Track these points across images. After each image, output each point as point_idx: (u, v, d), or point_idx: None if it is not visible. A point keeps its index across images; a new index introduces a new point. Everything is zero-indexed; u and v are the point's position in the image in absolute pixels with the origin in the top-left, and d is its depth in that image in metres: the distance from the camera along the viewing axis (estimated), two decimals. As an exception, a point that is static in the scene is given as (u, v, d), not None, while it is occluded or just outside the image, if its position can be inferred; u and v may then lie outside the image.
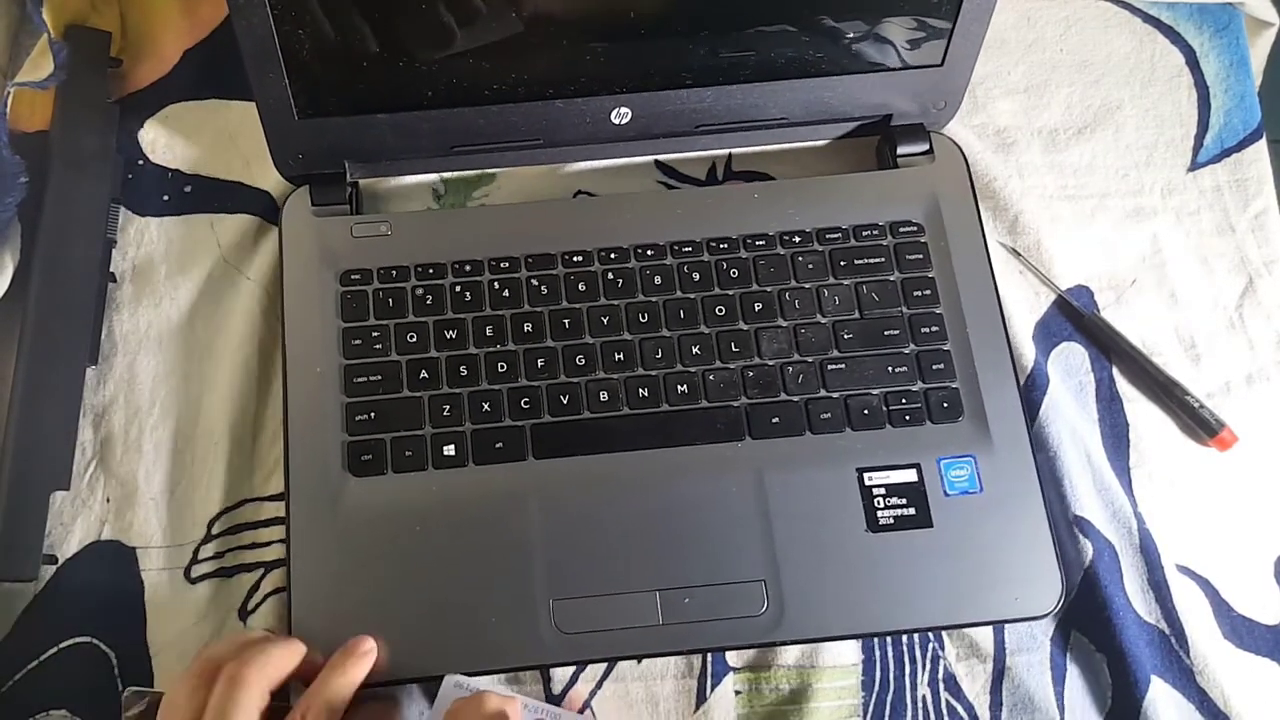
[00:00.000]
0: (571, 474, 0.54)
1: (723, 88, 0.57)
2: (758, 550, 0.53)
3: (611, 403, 0.55)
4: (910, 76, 0.58)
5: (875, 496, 0.54)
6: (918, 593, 0.52)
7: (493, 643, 0.51)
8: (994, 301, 0.58)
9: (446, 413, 0.55)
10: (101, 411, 0.57)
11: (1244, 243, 0.63)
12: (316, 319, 0.56)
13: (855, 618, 0.52)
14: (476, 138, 0.58)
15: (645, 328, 0.57)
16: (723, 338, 0.56)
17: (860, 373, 0.56)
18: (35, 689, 0.52)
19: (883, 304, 0.57)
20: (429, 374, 0.55)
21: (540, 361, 0.56)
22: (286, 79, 0.53)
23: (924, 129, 0.61)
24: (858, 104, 0.59)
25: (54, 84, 0.58)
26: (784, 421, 0.55)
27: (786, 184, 0.61)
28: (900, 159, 0.60)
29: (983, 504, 0.54)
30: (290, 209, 0.58)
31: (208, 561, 0.55)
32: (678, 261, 0.58)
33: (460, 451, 0.54)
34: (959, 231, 0.59)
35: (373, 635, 0.50)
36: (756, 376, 0.56)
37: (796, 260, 0.58)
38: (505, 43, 0.53)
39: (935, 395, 0.56)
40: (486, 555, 0.53)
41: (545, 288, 0.57)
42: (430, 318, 0.56)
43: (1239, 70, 0.66)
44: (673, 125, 0.59)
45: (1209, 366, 0.60)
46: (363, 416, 0.55)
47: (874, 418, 0.55)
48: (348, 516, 0.53)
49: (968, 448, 0.55)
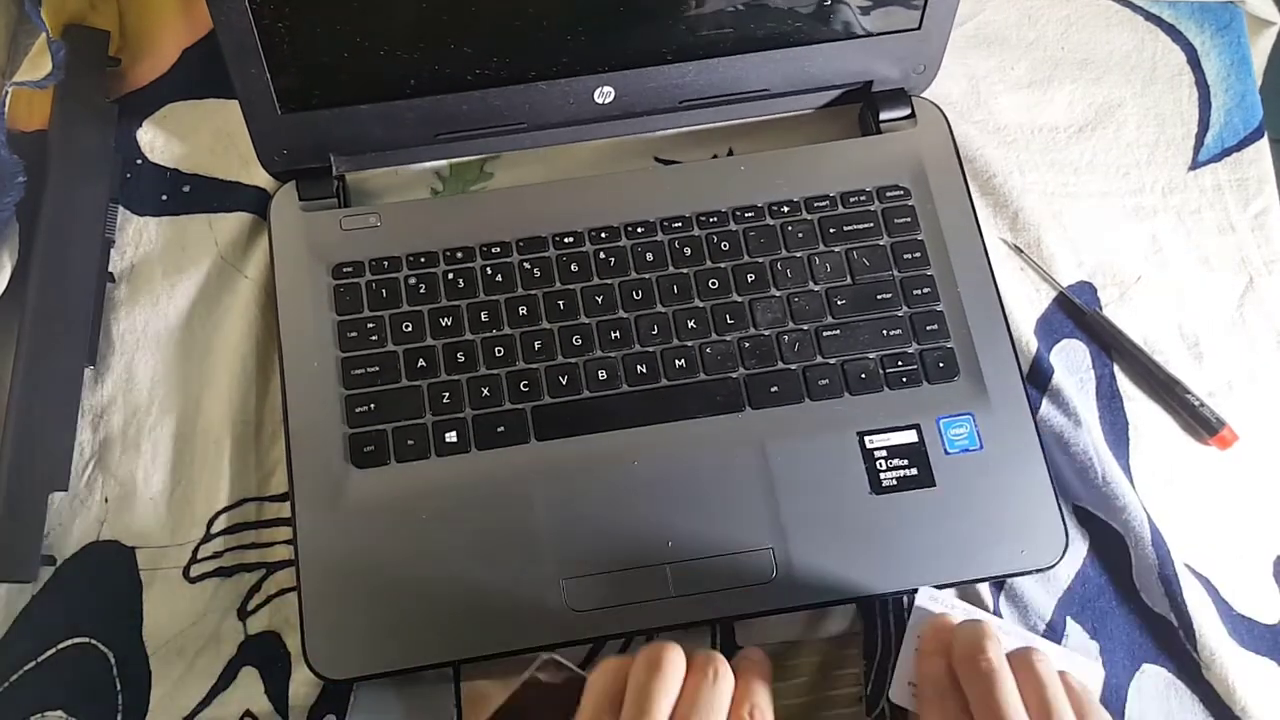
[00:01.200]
0: (575, 454, 0.54)
1: (704, 62, 0.57)
2: (764, 518, 0.53)
3: (610, 381, 0.55)
4: (888, 42, 0.58)
5: (877, 459, 0.54)
6: (924, 551, 0.53)
7: (506, 625, 0.51)
8: (983, 259, 0.58)
9: (446, 400, 0.55)
10: (100, 412, 0.57)
11: (1245, 242, 0.63)
12: (310, 313, 0.56)
13: (864, 579, 0.52)
14: (460, 124, 0.58)
15: (640, 305, 0.57)
16: (717, 310, 0.57)
17: (855, 337, 0.56)
18: (33, 689, 0.52)
19: (873, 268, 0.58)
20: (427, 362, 0.56)
21: (537, 344, 0.56)
22: (268, 74, 0.53)
23: (905, 94, 0.61)
24: (838, 72, 0.59)
25: (52, 83, 0.58)
26: (783, 390, 0.55)
27: (773, 155, 0.61)
28: (883, 124, 0.61)
29: (983, 460, 0.54)
30: (278, 205, 0.58)
31: (207, 561, 0.55)
32: (668, 237, 0.58)
33: (462, 437, 0.54)
34: (944, 192, 0.59)
35: (384, 627, 0.51)
36: (753, 347, 0.56)
37: (786, 230, 0.58)
38: (484, 27, 0.53)
39: (930, 355, 0.56)
40: (494, 539, 0.53)
41: (538, 270, 0.57)
42: (424, 306, 0.56)
43: (1240, 69, 0.66)
44: (656, 102, 0.59)
45: (1210, 365, 0.60)
46: (363, 408, 0.55)
47: (871, 381, 0.56)
48: (353, 508, 0.53)
49: (965, 406, 0.55)
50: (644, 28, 0.55)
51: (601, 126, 0.60)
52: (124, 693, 0.53)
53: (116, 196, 0.60)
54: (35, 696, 0.52)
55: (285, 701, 0.53)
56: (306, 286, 0.57)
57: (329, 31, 0.52)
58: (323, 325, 0.56)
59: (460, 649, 0.52)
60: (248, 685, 0.53)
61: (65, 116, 0.58)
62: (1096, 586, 0.55)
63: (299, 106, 0.55)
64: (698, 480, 0.54)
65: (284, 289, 0.57)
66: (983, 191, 0.62)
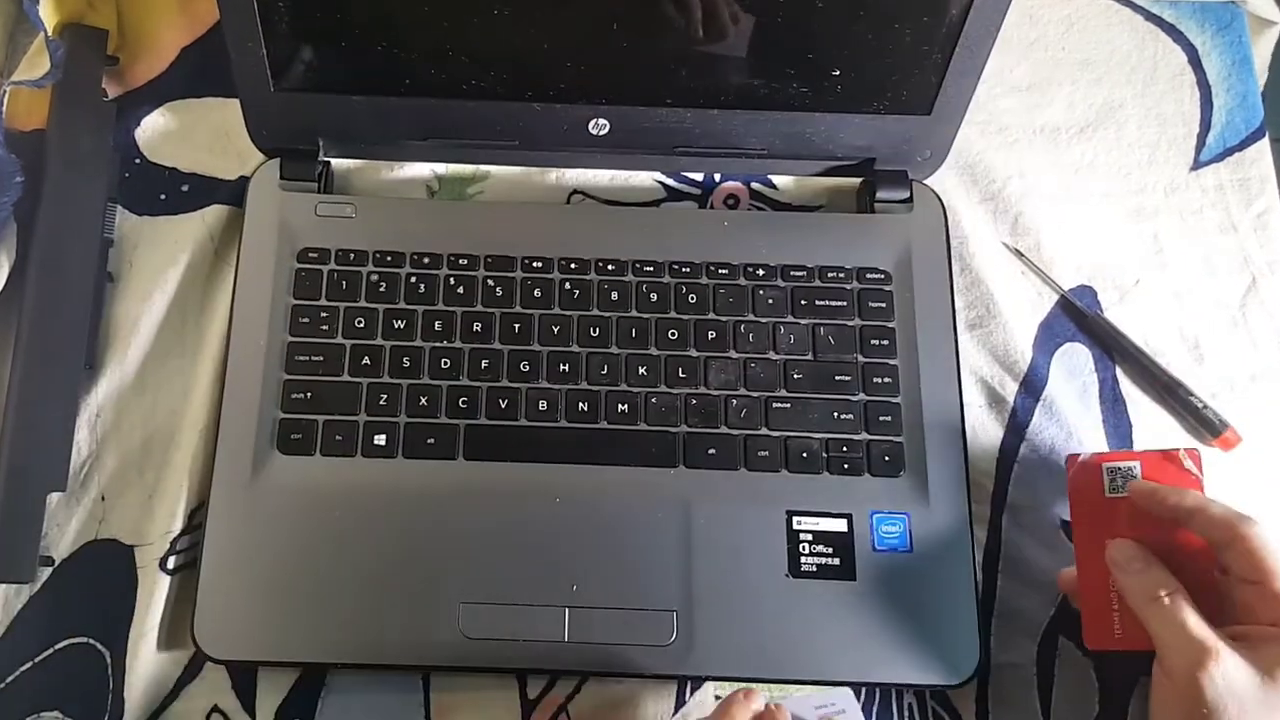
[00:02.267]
0: (499, 479, 0.54)
1: (703, 111, 0.56)
2: (674, 580, 0.52)
3: (549, 413, 0.55)
4: (896, 122, 0.57)
5: (801, 541, 0.53)
6: (831, 645, 0.51)
7: (392, 639, 0.51)
8: (952, 358, 0.56)
9: (383, 402, 0.54)
10: (97, 410, 0.56)
11: (1247, 242, 0.62)
12: (268, 292, 0.56)
13: (765, 661, 0.51)
14: (452, 131, 0.57)
15: (594, 342, 0.56)
16: (670, 362, 0.56)
17: (805, 415, 0.55)
18: (31, 689, 0.52)
19: (838, 348, 0.56)
20: (371, 361, 0.55)
21: (484, 363, 0.55)
22: (264, 48, 0.53)
23: (906, 177, 0.60)
24: (840, 144, 0.58)
25: (50, 82, 0.58)
26: (720, 454, 0.54)
27: (759, 215, 0.60)
28: (878, 204, 0.60)
29: (910, 564, 0.53)
30: (258, 180, 0.58)
31: (184, 553, 0.54)
32: (637, 280, 0.57)
33: (391, 442, 0.54)
34: (926, 284, 0.58)
35: (274, 616, 0.50)
36: (699, 405, 0.55)
37: (757, 293, 0.57)
38: (484, 39, 0.53)
39: (877, 447, 0.55)
40: (401, 550, 0.52)
41: (500, 289, 0.57)
42: (381, 305, 0.56)
43: (1241, 69, 0.66)
44: (651, 143, 0.58)
45: (1213, 366, 0.59)
46: (299, 395, 0.54)
47: (812, 462, 0.54)
48: (269, 492, 0.53)
49: (903, 505, 0.54)
50: (645, 66, 0.55)
51: (594, 156, 0.60)
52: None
53: (115, 196, 0.60)
54: (33, 696, 0.52)
55: (253, 699, 0.52)
56: (269, 264, 0.56)
57: (329, 17, 0.52)
58: (277, 306, 0.56)
59: (346, 654, 0.51)
60: (215, 680, 0.52)
61: (63, 116, 0.58)
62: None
63: (292, 87, 0.55)
64: (615, 529, 0.53)
65: (247, 262, 0.57)
66: (984, 195, 0.62)
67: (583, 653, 0.51)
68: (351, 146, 0.59)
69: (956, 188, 0.62)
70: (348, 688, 0.52)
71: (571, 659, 0.51)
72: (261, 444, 0.53)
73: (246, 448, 0.53)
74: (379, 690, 0.52)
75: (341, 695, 0.52)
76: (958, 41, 0.53)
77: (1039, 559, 0.55)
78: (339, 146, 0.59)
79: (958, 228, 0.60)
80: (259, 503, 0.53)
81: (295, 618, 0.51)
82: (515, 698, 0.52)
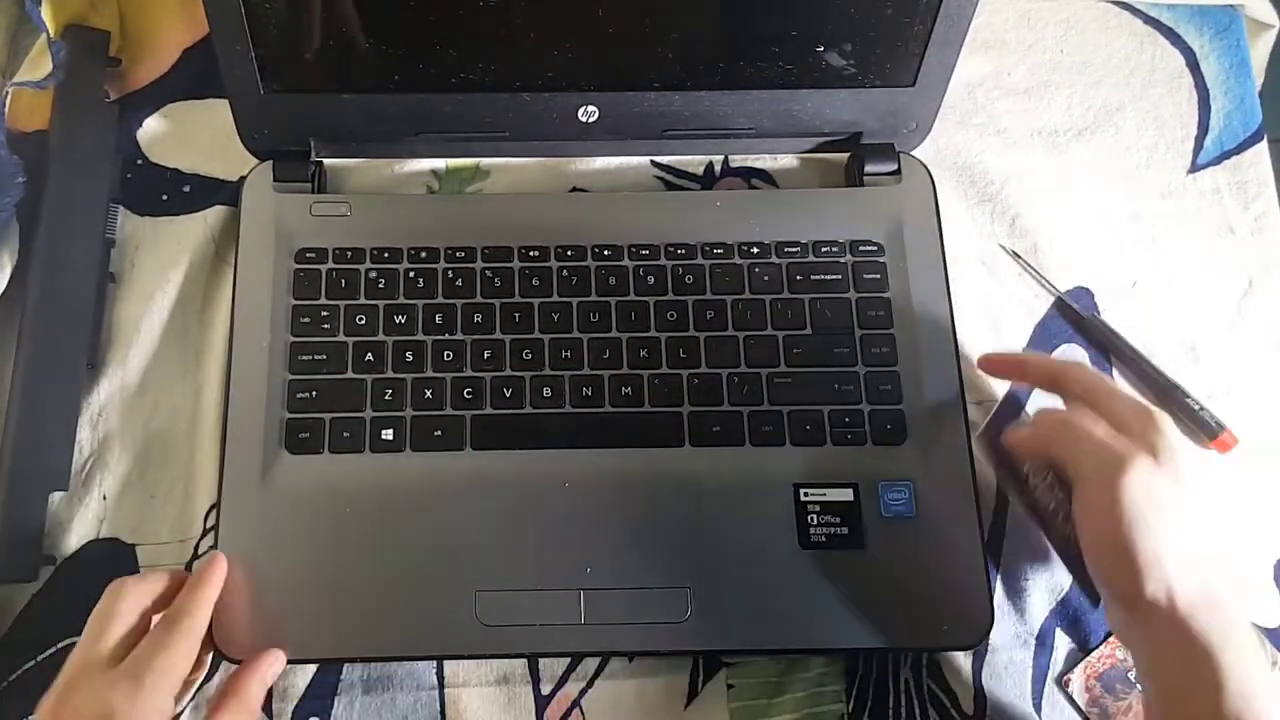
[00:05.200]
0: (507, 467, 0.54)
1: (690, 93, 0.57)
2: (686, 557, 0.52)
3: (554, 399, 0.55)
4: (881, 95, 0.58)
5: (809, 513, 0.53)
6: (843, 613, 0.52)
7: (411, 631, 0.51)
8: (949, 327, 0.57)
9: (388, 397, 0.55)
10: (99, 410, 0.56)
11: (1244, 245, 0.63)
12: (268, 294, 0.56)
13: (779, 632, 0.52)
14: (442, 125, 0.58)
15: (595, 327, 0.56)
16: (671, 343, 0.56)
17: (806, 388, 0.56)
18: (32, 689, 0.52)
19: (835, 322, 0.57)
20: (374, 357, 0.55)
21: (486, 353, 0.56)
22: (252, 52, 0.53)
23: (893, 149, 0.60)
24: (826, 120, 0.59)
25: (53, 83, 0.58)
26: (724, 431, 0.55)
27: (751, 194, 0.61)
28: (867, 178, 0.60)
29: (917, 530, 0.53)
30: (252, 183, 0.59)
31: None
32: (634, 263, 0.58)
33: (399, 437, 0.54)
34: (919, 254, 0.58)
35: (290, 614, 0.51)
36: (701, 384, 0.56)
37: (753, 271, 0.58)
38: (470, 31, 0.53)
39: (879, 417, 0.55)
40: (414, 542, 0.52)
41: (499, 280, 0.57)
42: (381, 301, 0.56)
43: (1239, 72, 0.66)
44: (640, 128, 0.59)
45: (1209, 368, 0.60)
46: (304, 394, 0.55)
47: (815, 434, 0.55)
48: (279, 491, 0.53)
49: (907, 473, 0.54)
50: (632, 52, 0.55)
51: (585, 144, 0.60)
52: None
53: (117, 196, 0.60)
54: (34, 696, 0.51)
55: (269, 698, 0.52)
56: (268, 266, 0.57)
57: (314, 17, 0.52)
58: (278, 307, 0.56)
59: (363, 648, 0.52)
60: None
61: (65, 117, 0.59)
62: (1083, 598, 0.54)
63: (281, 88, 0.55)
64: (626, 510, 0.53)
65: (245, 266, 0.57)
66: (981, 196, 0.62)
67: (599, 634, 0.51)
68: (343, 145, 0.60)
69: (954, 189, 0.63)
70: (364, 688, 0.53)
71: (589, 641, 0.52)
72: (270, 444, 0.54)
73: (255, 448, 0.54)
74: (394, 689, 0.53)
75: (357, 695, 0.53)
76: (939, 12, 0.54)
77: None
78: (331, 146, 0.59)
79: (957, 229, 0.61)
80: (270, 502, 0.53)
81: (311, 615, 0.51)
82: (529, 692, 0.53)
